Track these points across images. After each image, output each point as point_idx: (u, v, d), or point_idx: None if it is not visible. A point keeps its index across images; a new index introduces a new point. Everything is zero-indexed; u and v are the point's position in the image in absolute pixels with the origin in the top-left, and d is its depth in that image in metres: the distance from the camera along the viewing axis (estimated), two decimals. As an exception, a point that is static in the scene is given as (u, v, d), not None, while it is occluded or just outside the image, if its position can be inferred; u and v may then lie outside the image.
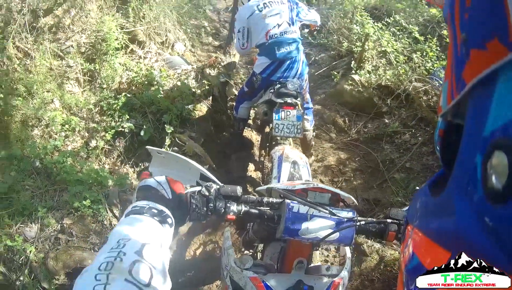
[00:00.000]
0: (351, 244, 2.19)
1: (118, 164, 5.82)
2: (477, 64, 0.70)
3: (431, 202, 0.99)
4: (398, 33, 8.43)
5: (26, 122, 5.22)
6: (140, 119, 6.12)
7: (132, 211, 1.79)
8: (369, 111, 7.43)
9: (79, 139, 5.70)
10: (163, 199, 1.91)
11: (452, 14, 0.83)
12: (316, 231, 2.06)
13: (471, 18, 0.73)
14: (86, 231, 4.49)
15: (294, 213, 2.08)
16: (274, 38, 5.49)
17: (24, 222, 4.34)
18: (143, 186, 1.99)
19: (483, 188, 0.65)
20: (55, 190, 4.73)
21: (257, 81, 5.71)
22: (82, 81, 6.29)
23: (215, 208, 2.02)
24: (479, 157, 0.67)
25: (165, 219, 1.81)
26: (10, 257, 4.09)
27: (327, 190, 2.49)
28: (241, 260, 2.40)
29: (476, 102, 0.72)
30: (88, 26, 6.56)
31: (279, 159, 3.88)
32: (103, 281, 1.36)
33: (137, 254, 1.52)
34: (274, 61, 5.52)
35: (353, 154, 6.81)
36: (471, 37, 0.73)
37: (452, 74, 0.83)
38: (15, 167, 4.72)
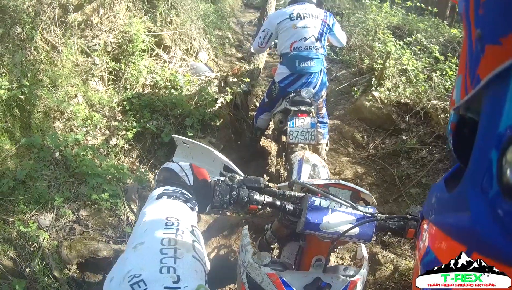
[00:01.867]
0: (370, 241, 2.11)
1: (136, 164, 5.73)
2: (492, 60, 0.70)
3: (446, 197, 1.00)
4: (419, 52, 8.40)
5: (48, 114, 5.09)
6: (162, 121, 6.05)
7: (164, 193, 1.80)
8: (387, 127, 7.33)
9: (99, 136, 5.57)
10: (184, 185, 1.92)
11: (467, 10, 0.83)
12: (336, 226, 2.02)
13: (486, 14, 0.74)
14: (102, 224, 4.37)
15: (315, 207, 2.04)
16: (298, 51, 5.42)
17: (39, 210, 4.21)
18: (165, 168, 2.01)
19: (498, 184, 0.65)
20: (73, 182, 4.59)
21: (275, 89, 5.69)
22: (106, 80, 6.19)
23: (238, 197, 1.97)
24: (494, 153, 0.67)
25: (194, 205, 1.84)
26: (21, 243, 3.97)
27: (349, 187, 2.51)
28: (259, 257, 2.35)
29: (491, 97, 0.73)
30: (116, 26, 6.47)
31: (299, 162, 3.82)
32: (170, 254, 1.37)
33: (192, 234, 1.57)
34: (293, 73, 5.48)
35: (370, 168, 6.72)
36: (486, 33, 0.73)
37: (466, 69, 0.83)
38: (34, 155, 4.59)
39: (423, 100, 7.13)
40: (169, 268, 1.30)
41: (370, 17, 9.98)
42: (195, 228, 1.62)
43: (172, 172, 1.97)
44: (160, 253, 1.35)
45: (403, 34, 9.57)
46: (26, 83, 4.73)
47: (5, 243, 3.89)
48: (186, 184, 1.94)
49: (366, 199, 2.53)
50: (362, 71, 9.18)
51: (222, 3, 12.59)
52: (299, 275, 2.27)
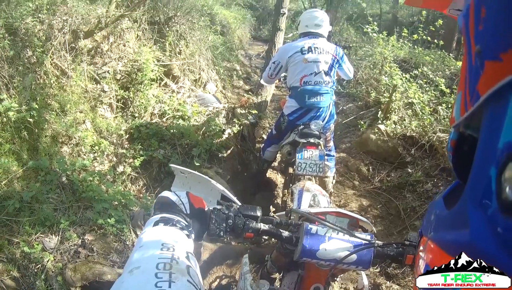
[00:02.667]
0: (369, 268, 2.08)
1: (143, 192, 5.67)
2: (492, 76, 0.70)
3: (445, 214, 0.99)
4: (425, 85, 8.40)
5: (56, 138, 5.08)
6: (169, 151, 6.03)
7: (161, 221, 1.79)
8: (393, 160, 7.31)
9: (107, 163, 5.54)
10: (180, 213, 1.92)
11: (466, 25, 0.83)
12: (334, 253, 1.99)
13: (486, 30, 0.74)
14: (107, 249, 4.32)
15: (312, 234, 2.02)
16: (308, 85, 5.42)
17: (45, 233, 4.16)
18: (162, 196, 2.01)
19: (497, 200, 0.65)
20: (79, 206, 4.54)
21: (284, 122, 5.67)
22: (115, 107, 6.19)
23: (234, 225, 1.99)
24: (493, 169, 0.67)
25: (191, 233, 1.83)
26: (25, 263, 3.90)
27: (346, 215, 2.51)
28: (257, 285, 2.41)
29: (490, 114, 0.72)
30: (125, 54, 6.49)
31: (299, 192, 3.78)
32: (165, 278, 1.35)
33: (187, 259, 1.54)
34: (302, 107, 5.47)
35: (375, 201, 6.68)
36: (485, 49, 0.73)
37: (466, 86, 0.83)
38: (41, 178, 4.54)
39: (428, 133, 7.12)
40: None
41: (377, 50, 10.03)
42: (190, 255, 1.61)
43: (169, 200, 1.98)
44: (155, 277, 1.35)
45: (410, 67, 9.61)
46: (35, 106, 4.72)
47: (9, 263, 3.84)
48: (182, 212, 1.95)
49: (364, 227, 2.52)
50: (368, 105, 9.24)
51: (230, 35, 12.74)
52: None
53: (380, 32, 10.15)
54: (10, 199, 4.15)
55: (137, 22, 6.98)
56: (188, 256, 1.56)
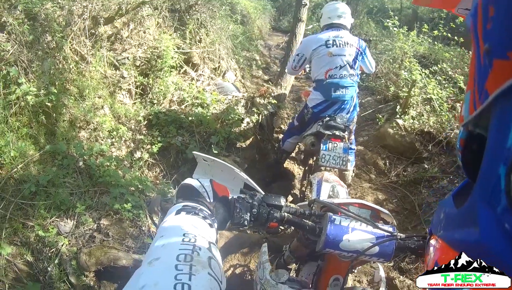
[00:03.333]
0: (390, 260, 2.05)
1: (160, 179, 5.67)
2: (500, 75, 0.69)
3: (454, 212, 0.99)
4: (444, 82, 8.32)
5: (74, 123, 5.07)
6: (187, 138, 6.00)
7: (184, 209, 1.73)
8: (409, 155, 7.25)
9: (124, 148, 5.55)
10: (203, 201, 1.85)
11: (474, 24, 0.82)
12: (356, 244, 1.96)
13: (494, 29, 0.73)
14: (123, 234, 4.32)
15: (335, 226, 1.98)
16: (333, 79, 5.42)
17: (60, 217, 4.17)
18: (185, 184, 1.97)
19: (506, 199, 0.65)
20: (95, 191, 4.55)
21: (308, 114, 5.67)
22: (133, 93, 6.19)
23: (259, 214, 1.95)
24: (502, 168, 0.67)
25: (213, 222, 1.76)
26: (39, 247, 3.91)
27: (369, 206, 2.50)
28: (276, 274, 2.31)
29: (499, 112, 0.72)
30: (145, 41, 6.47)
31: (318, 182, 3.82)
32: (185, 271, 1.31)
33: (209, 251, 1.49)
34: (327, 100, 5.47)
35: (391, 195, 6.62)
36: (494, 48, 0.72)
37: (475, 85, 0.82)
38: (58, 162, 4.55)
39: (446, 130, 7.06)
40: (183, 285, 1.25)
41: (397, 45, 9.96)
42: (212, 245, 1.55)
43: (192, 188, 1.94)
44: (175, 269, 1.31)
45: (429, 63, 9.51)
46: (54, 91, 4.71)
47: (23, 246, 3.85)
48: (206, 200, 1.90)
49: (385, 219, 2.49)
50: (387, 99, 9.19)
51: (250, 25, 12.72)
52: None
53: (400, 27, 10.08)
54: (26, 182, 4.15)
55: (157, 10, 6.96)
56: (210, 247, 1.52)
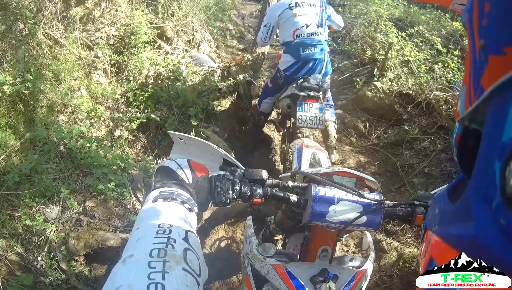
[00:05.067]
0: (378, 228, 2.04)
1: (141, 155, 5.68)
2: (496, 70, 0.69)
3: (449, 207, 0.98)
4: (420, 44, 8.31)
5: (52, 107, 5.05)
6: (166, 112, 6.01)
7: (160, 196, 1.69)
8: (389, 117, 7.29)
9: (103, 128, 5.55)
10: (182, 184, 1.83)
11: (470, 20, 0.82)
12: (343, 215, 1.94)
13: (490, 24, 0.73)
14: (109, 214, 4.35)
15: (320, 197, 1.95)
16: (301, 38, 5.44)
17: (45, 203, 4.18)
18: (163, 167, 1.91)
19: (501, 194, 0.64)
20: (78, 174, 4.56)
21: (281, 78, 5.68)
22: (109, 72, 6.15)
23: (241, 191, 1.90)
24: (497, 163, 0.66)
25: (193, 206, 1.74)
26: (28, 237, 3.94)
27: (352, 174, 2.39)
28: (263, 248, 2.31)
29: (495, 108, 0.71)
30: (118, 19, 6.39)
31: (298, 150, 3.81)
32: (159, 269, 1.27)
33: (185, 241, 1.45)
34: (298, 61, 5.50)
35: (372, 158, 6.71)
36: (489, 43, 0.72)
37: (471, 80, 0.82)
38: (39, 149, 4.55)
39: (425, 91, 7.08)
40: (157, 285, 1.22)
41: (372, 9, 9.90)
42: (190, 233, 1.51)
43: (169, 170, 1.90)
44: (148, 267, 1.28)
45: (405, 26, 9.46)
46: (30, 78, 4.67)
47: (12, 238, 3.86)
48: (184, 182, 1.87)
49: (371, 186, 2.43)
50: (364, 62, 9.16)
51: (223, -5, 12.51)
52: (305, 266, 2.22)
53: (374, -10, 9.99)
54: (9, 173, 4.15)
55: (128, -14, 6.85)
56: (187, 236, 1.48)
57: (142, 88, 6.16)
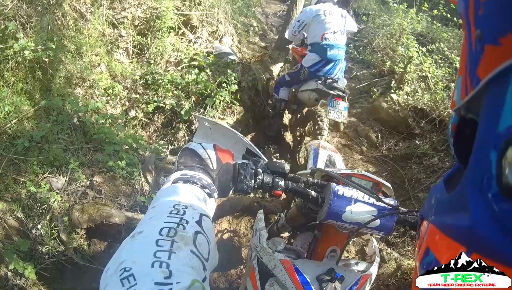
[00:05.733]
0: (390, 233, 2.04)
1: (153, 138, 5.68)
2: (492, 60, 0.68)
3: (446, 198, 0.97)
4: (440, 61, 8.33)
5: (70, 79, 4.99)
6: (183, 99, 5.96)
7: (181, 179, 1.64)
8: (402, 130, 7.30)
9: (119, 106, 5.51)
10: (206, 168, 1.77)
11: (466, 10, 0.81)
12: (358, 216, 1.92)
13: (485, 14, 0.72)
14: (116, 191, 4.27)
15: (339, 196, 1.92)
16: (328, 41, 6.08)
17: (53, 173, 4.11)
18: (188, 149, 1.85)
19: (497, 184, 0.63)
20: (89, 148, 4.50)
21: (304, 73, 6.32)
22: (131, 52, 6.10)
23: (263, 182, 1.87)
24: (494, 153, 0.65)
25: (213, 192, 1.69)
26: (30, 203, 3.87)
27: (370, 178, 2.43)
28: (273, 242, 2.27)
29: (491, 98, 0.71)
30: (145, 1, 6.34)
31: (315, 151, 3.84)
32: (166, 248, 1.22)
33: (198, 224, 1.39)
34: (323, 60, 6.13)
35: (381, 168, 6.69)
36: (485, 33, 0.72)
37: (466, 70, 0.82)
38: (52, 118, 4.48)
39: (439, 108, 7.09)
40: (161, 263, 1.17)
41: (396, 21, 9.92)
42: (204, 217, 1.46)
43: (194, 153, 1.83)
44: (156, 244, 1.23)
45: (426, 42, 9.49)
46: (52, 47, 4.61)
47: (13, 202, 3.80)
48: (208, 167, 1.81)
49: (386, 192, 2.44)
50: (382, 73, 9.20)
51: (249, -9, 12.52)
52: (312, 264, 2.17)
53: (400, 3, 10.04)
54: (19, 138, 4.09)
55: (159, -31, 6.82)
56: (200, 219, 1.42)
57: (162, 72, 6.12)
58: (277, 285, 2.16)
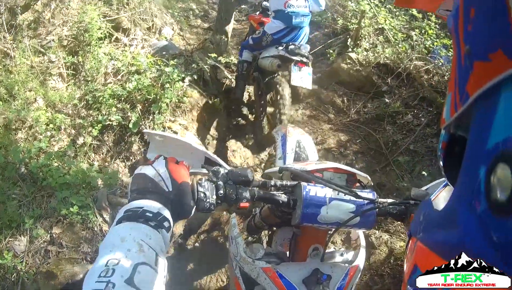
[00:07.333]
0: (371, 228, 2.09)
1: (108, 160, 5.70)
2: (481, 76, 0.71)
3: (434, 214, 1.02)
4: (394, 9, 8.35)
5: (9, 126, 5.04)
6: (128, 110, 5.96)
7: (124, 217, 1.57)
8: (368, 90, 7.39)
9: (65, 138, 5.51)
10: (162, 192, 1.69)
11: (456, 26, 0.84)
12: (336, 215, 1.92)
13: (475, 30, 0.75)
14: (76, 240, 4.36)
15: (311, 197, 1.91)
16: (292, 9, 6.44)
17: (13, 235, 4.22)
18: (140, 174, 1.78)
19: (487, 201, 0.67)
20: (42, 196, 4.58)
21: (267, 39, 6.77)
22: (65, 76, 6.10)
23: (226, 195, 1.81)
24: (482, 170, 0.68)
25: (161, 223, 1.59)
26: (2, 274, 3.97)
27: (344, 170, 2.39)
28: (251, 250, 2.30)
29: (480, 114, 0.74)
30: (70, 17, 6.32)
31: (282, 138, 3.85)
32: None
33: (128, 283, 1.32)
34: (288, 27, 6.58)
35: (353, 135, 6.78)
36: (474, 49, 0.74)
37: (456, 86, 0.83)
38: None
39: (404, 61, 7.18)
40: None
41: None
42: (140, 267, 1.39)
43: (147, 179, 1.74)
44: None
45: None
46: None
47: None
48: (163, 190, 1.71)
49: (363, 181, 2.42)
50: (336, 32, 9.20)
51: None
52: (296, 267, 2.20)
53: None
54: None
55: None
56: (132, 274, 1.37)
57: (101, 88, 6.13)
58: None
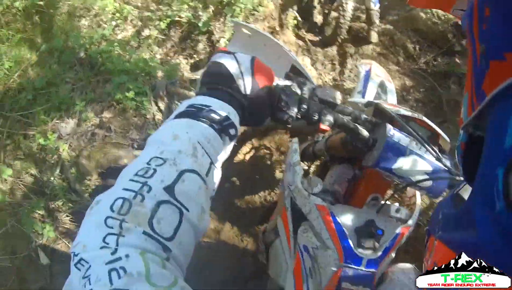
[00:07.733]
0: (438, 197, 1.93)
1: (171, 55, 5.66)
2: (497, 76, 0.73)
3: (453, 213, 1.03)
4: None
5: (73, 13, 5.08)
6: (200, 10, 5.79)
7: (184, 113, 1.35)
8: (441, 45, 7.05)
9: (130, 28, 5.52)
10: (237, 93, 1.44)
11: (470, 25, 0.86)
12: (410, 172, 1.81)
13: (490, 29, 0.77)
14: (126, 126, 4.39)
15: (393, 142, 1.78)
16: None
17: (61, 118, 4.32)
18: (217, 64, 1.48)
19: (504, 200, 0.67)
20: (98, 81, 4.62)
21: None
22: (137, -34, 5.85)
23: (308, 112, 1.60)
24: (500, 170, 0.69)
25: (227, 129, 1.37)
26: (42, 157, 4.08)
27: (429, 127, 2.24)
28: (309, 182, 2.15)
29: (497, 114, 0.74)
30: None
31: (366, 73, 3.61)
32: (115, 230, 1.02)
33: (166, 190, 1.12)
34: None
35: (418, 84, 6.64)
36: (490, 48, 0.76)
37: (472, 86, 0.85)
38: (56, 60, 4.62)
39: (484, 28, 6.89)
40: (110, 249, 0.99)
41: None
42: (186, 175, 1.15)
43: (224, 72, 1.45)
44: (105, 225, 1.02)
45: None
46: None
47: (27, 159, 4.04)
48: (240, 92, 1.46)
49: (442, 146, 2.25)
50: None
51: None
52: (352, 212, 2.08)
53: None
54: (23, 90, 4.30)
55: None
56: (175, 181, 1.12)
57: None
58: (311, 232, 2.11)
